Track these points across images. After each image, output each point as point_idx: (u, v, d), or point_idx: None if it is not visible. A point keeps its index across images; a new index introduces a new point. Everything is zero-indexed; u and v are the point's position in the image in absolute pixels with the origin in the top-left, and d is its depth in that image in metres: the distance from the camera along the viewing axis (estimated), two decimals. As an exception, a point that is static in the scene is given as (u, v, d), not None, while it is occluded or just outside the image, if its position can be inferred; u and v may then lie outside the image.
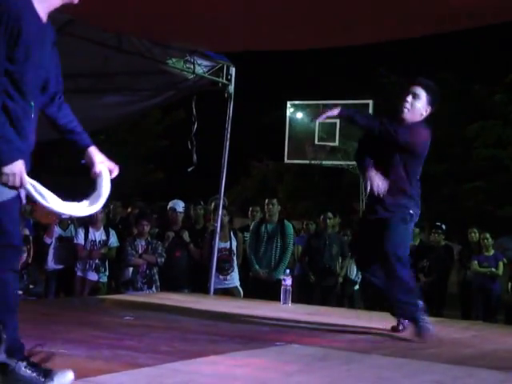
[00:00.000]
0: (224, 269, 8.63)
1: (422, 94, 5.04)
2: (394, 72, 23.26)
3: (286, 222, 9.06)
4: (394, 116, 5.11)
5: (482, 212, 20.74)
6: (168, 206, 9.09)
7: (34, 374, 3.02)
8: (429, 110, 5.09)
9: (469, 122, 21.72)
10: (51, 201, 3.14)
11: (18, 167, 3.00)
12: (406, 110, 5.01)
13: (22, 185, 3.02)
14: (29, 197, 3.14)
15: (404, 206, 5.07)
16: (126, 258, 8.44)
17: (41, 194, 3.12)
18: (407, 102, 5.01)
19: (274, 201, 8.98)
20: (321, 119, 5.25)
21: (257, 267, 8.79)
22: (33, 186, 3.10)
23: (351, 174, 17.03)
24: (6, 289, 3.05)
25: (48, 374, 3.05)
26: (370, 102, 15.60)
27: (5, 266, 3.04)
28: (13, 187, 3.01)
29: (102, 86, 9.10)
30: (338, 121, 15.90)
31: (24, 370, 3.03)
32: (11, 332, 3.05)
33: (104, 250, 8.84)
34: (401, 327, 5.22)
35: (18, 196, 3.10)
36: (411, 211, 5.08)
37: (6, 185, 2.99)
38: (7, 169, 2.98)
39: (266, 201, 9.01)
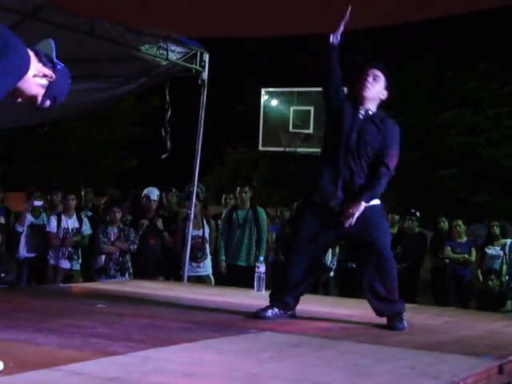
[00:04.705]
0: (197, 257, 8.65)
1: (381, 78, 5.12)
2: (368, 59, 23.32)
3: (258, 207, 9.07)
4: (354, 95, 5.20)
5: (455, 199, 20.91)
6: (142, 194, 9.06)
7: None
8: (386, 94, 5.16)
9: (442, 109, 21.83)
10: None
11: None
12: (367, 89, 5.08)
13: None
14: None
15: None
16: (98, 246, 8.39)
17: None
18: (368, 81, 5.09)
19: (246, 188, 8.98)
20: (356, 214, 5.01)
21: (222, 258, 8.81)
22: None
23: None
24: None
25: None
26: (345, 89, 15.58)
27: None
28: None
29: (75, 72, 8.97)
30: (312, 108, 15.92)
31: None
32: None
33: (77, 237, 8.78)
34: None
35: None
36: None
37: None
38: None
39: (238, 189, 8.99)
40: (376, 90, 5.10)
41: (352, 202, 4.92)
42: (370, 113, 5.10)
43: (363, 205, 4.91)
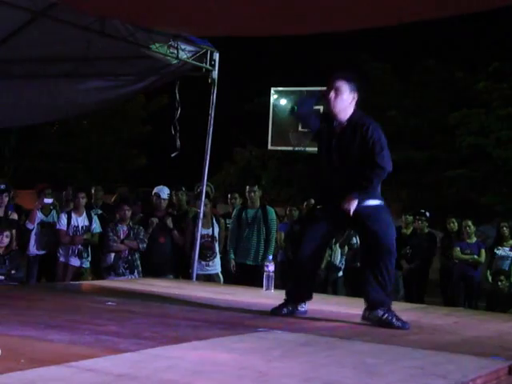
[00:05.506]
0: (206, 255, 8.66)
1: (344, 86, 5.29)
2: (378, 59, 23.27)
3: (268, 207, 9.08)
4: (328, 112, 5.39)
5: (464, 200, 20.84)
6: (153, 192, 9.06)
7: None
8: (356, 96, 5.33)
9: (452, 109, 21.76)
10: None
11: None
12: (331, 106, 5.28)
13: None
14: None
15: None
16: (107, 244, 8.41)
17: None
18: (331, 98, 5.27)
19: (255, 188, 8.99)
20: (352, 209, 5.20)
21: (232, 256, 8.83)
22: None
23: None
24: None
25: None
26: (321, 108, 15.53)
27: None
28: None
29: (85, 70, 9.04)
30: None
31: None
32: None
33: (87, 235, 8.80)
34: None
35: None
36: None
37: None
38: None
39: (247, 188, 9.01)
40: (340, 102, 5.28)
41: (346, 199, 5.11)
42: (344, 123, 5.29)
43: (356, 201, 5.10)
